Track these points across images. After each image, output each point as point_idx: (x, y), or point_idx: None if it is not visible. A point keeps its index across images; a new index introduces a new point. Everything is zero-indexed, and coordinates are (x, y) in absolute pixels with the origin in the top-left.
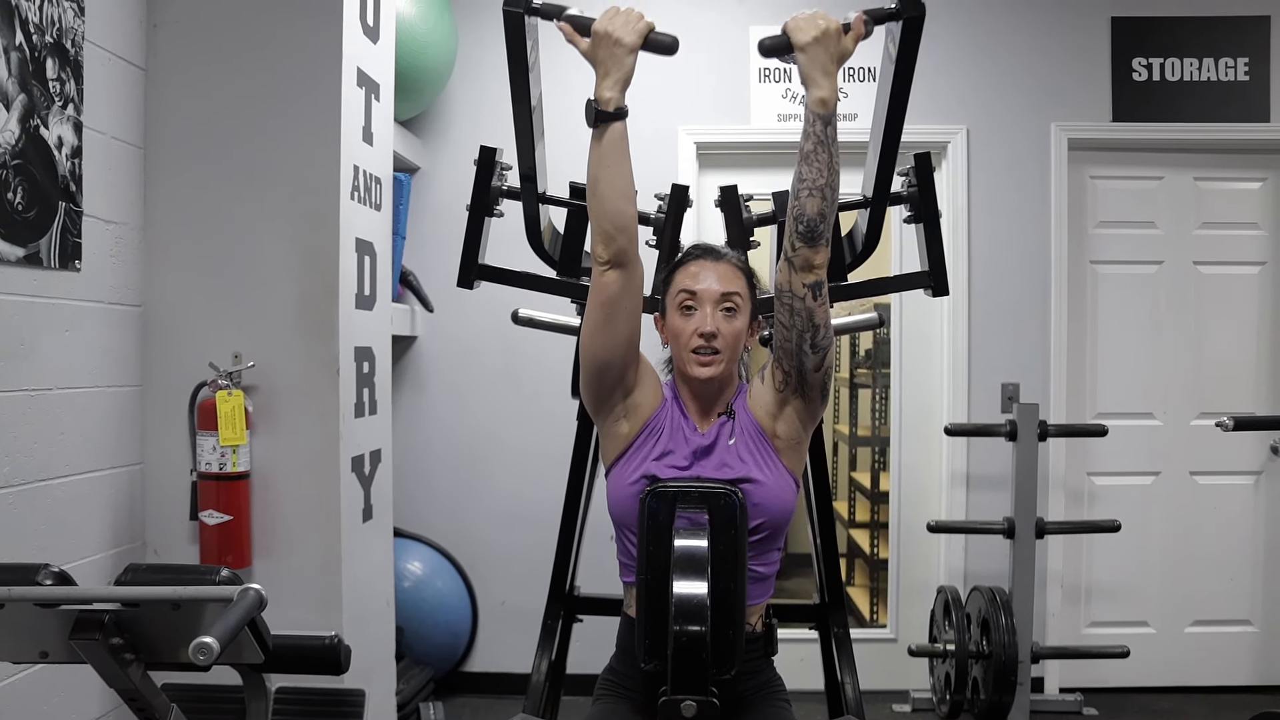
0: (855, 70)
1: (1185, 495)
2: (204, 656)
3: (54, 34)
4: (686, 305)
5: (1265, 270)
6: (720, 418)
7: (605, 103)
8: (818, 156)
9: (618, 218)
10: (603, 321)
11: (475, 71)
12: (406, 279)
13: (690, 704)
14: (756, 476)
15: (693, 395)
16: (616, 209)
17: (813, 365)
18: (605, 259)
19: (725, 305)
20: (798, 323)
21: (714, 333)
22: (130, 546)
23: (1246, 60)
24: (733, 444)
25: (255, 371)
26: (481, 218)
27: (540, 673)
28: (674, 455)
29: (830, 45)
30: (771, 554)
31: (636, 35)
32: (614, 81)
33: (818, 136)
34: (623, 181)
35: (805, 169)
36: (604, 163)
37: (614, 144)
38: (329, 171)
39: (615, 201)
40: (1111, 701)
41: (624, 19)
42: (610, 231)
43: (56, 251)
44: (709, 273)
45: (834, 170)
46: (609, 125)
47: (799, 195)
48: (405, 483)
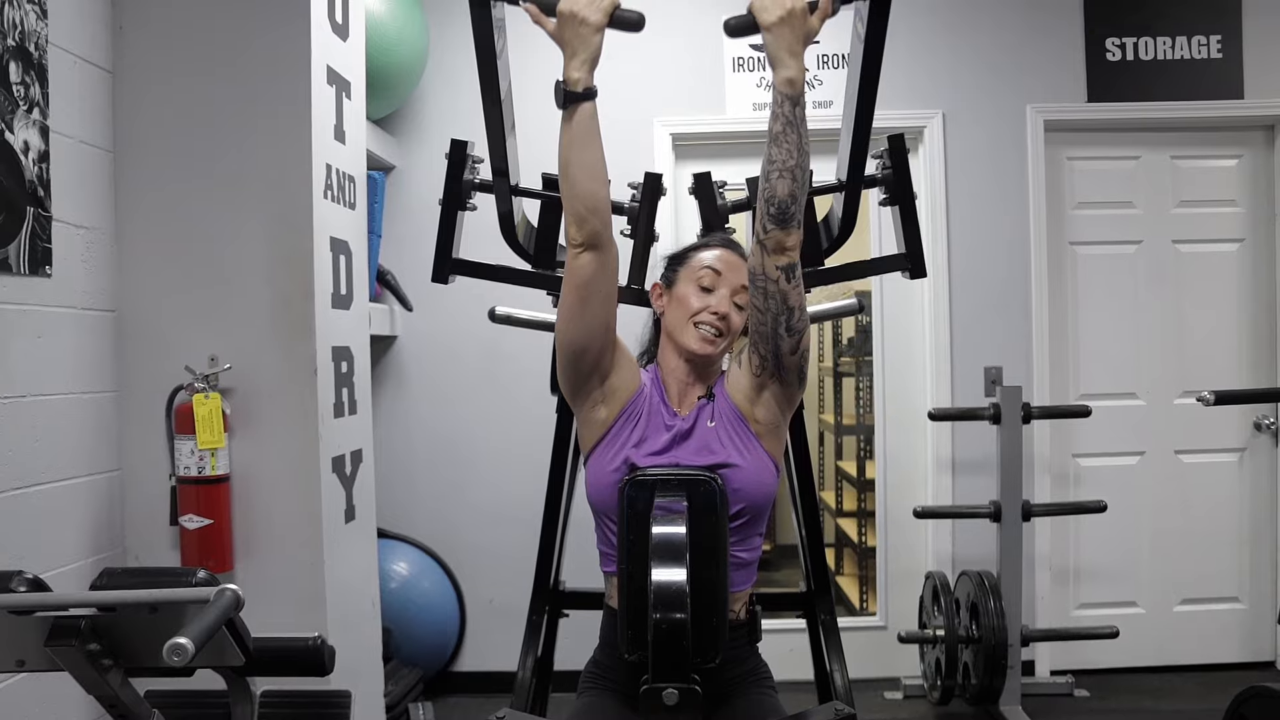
0: (829, 57)
1: (1170, 474)
2: (178, 658)
3: (16, 37)
4: (706, 284)
5: (1243, 247)
6: (700, 401)
7: (574, 83)
8: (787, 137)
9: (590, 199)
10: (578, 305)
11: (448, 69)
12: (384, 278)
13: (672, 692)
14: (736, 460)
15: (677, 376)
16: (588, 190)
17: (788, 349)
18: (579, 241)
19: (738, 299)
20: (771, 306)
21: (727, 314)
22: (110, 553)
23: (1219, 38)
24: (712, 426)
25: (232, 374)
26: (454, 212)
27: (526, 669)
28: (651, 441)
29: (796, 25)
30: (753, 539)
31: (602, 14)
32: (581, 61)
33: (786, 117)
34: (594, 162)
35: (775, 150)
36: (575, 144)
37: (584, 125)
38: (301, 170)
39: (587, 183)
40: (1103, 682)
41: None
42: (583, 213)
43: (26, 257)
44: (735, 265)
45: (804, 151)
46: (578, 106)
47: (769, 177)
48: (389, 484)
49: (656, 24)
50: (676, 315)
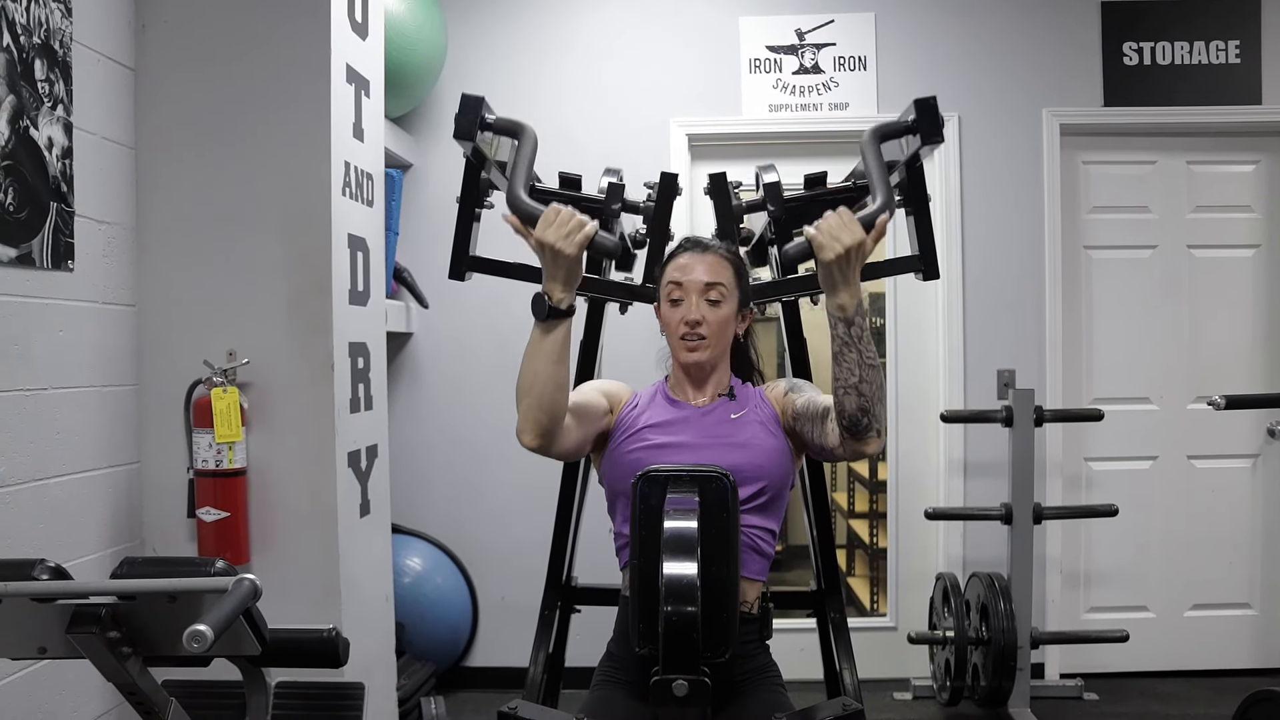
0: (846, 60)
1: (1183, 479)
2: (198, 644)
3: (42, 35)
4: (674, 297)
5: (1259, 253)
6: (721, 397)
7: (556, 300)
8: (846, 357)
9: (557, 411)
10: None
11: (466, 68)
12: (401, 275)
13: (682, 683)
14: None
15: (688, 379)
16: (555, 402)
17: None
18: (533, 446)
19: (710, 295)
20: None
21: (699, 320)
22: (128, 545)
23: (1237, 43)
24: (738, 416)
25: (250, 368)
26: (472, 210)
27: (538, 665)
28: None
29: (854, 257)
30: (771, 523)
31: (576, 247)
32: (561, 284)
33: (842, 338)
34: (564, 376)
35: (837, 369)
36: (550, 359)
37: (560, 340)
38: (320, 168)
39: (554, 396)
40: (1112, 686)
41: (559, 229)
42: (545, 424)
43: (49, 252)
44: (696, 264)
45: (865, 365)
46: (559, 321)
47: (836, 393)
48: (404, 479)
49: (672, 25)
50: (667, 334)
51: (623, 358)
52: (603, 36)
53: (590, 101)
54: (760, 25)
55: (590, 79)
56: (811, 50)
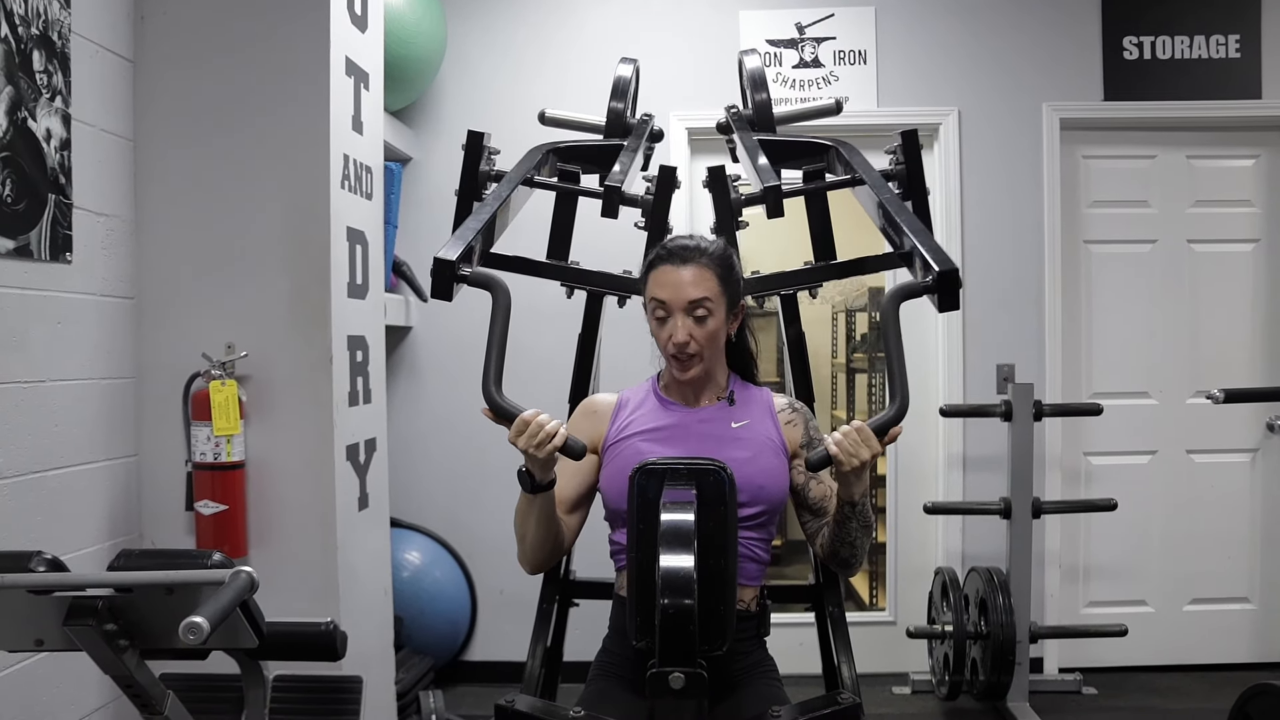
0: (845, 54)
1: (1182, 474)
2: (194, 636)
3: (40, 26)
4: (659, 315)
5: (1259, 247)
6: (720, 401)
7: (539, 480)
8: (847, 526)
9: (552, 554)
10: None
11: (465, 61)
12: (400, 269)
13: (678, 676)
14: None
15: (677, 386)
16: (550, 551)
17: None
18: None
19: (696, 313)
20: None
21: (686, 340)
22: (126, 538)
23: (1237, 37)
24: (739, 427)
25: (248, 361)
26: (470, 203)
27: (536, 659)
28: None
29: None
30: (767, 537)
31: (546, 454)
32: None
33: (846, 514)
34: (555, 529)
35: (837, 529)
36: (541, 522)
37: (547, 506)
38: (319, 160)
39: (548, 544)
40: (1111, 681)
41: (529, 439)
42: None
43: (47, 244)
44: (678, 280)
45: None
46: (542, 494)
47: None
48: (403, 473)
49: (673, 18)
50: (657, 344)
51: (621, 350)
52: (603, 29)
53: (590, 94)
54: (760, 19)
55: (590, 71)
56: (811, 44)
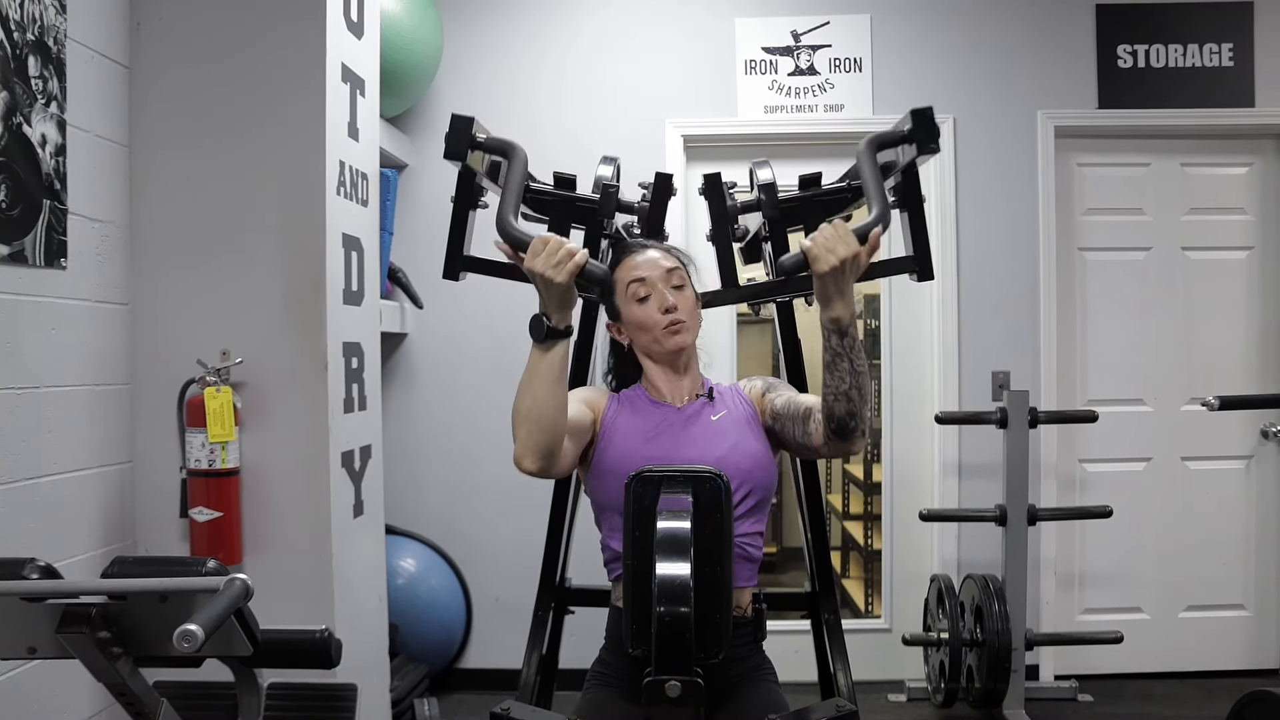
0: (841, 61)
1: (1177, 480)
2: (188, 644)
3: (35, 31)
4: (641, 295)
5: (1253, 255)
6: (699, 398)
7: (555, 321)
8: (838, 366)
9: (556, 433)
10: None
11: (461, 68)
12: (395, 276)
13: (675, 684)
14: (742, 447)
15: (664, 375)
16: (556, 424)
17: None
18: (534, 471)
19: (673, 282)
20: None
21: (675, 305)
22: (121, 545)
23: (1230, 46)
24: (717, 419)
25: (244, 368)
26: (466, 209)
27: (531, 666)
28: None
29: (847, 271)
30: (757, 528)
31: (567, 275)
32: (556, 308)
33: (835, 349)
34: (563, 396)
35: (828, 376)
36: (550, 380)
37: (559, 361)
38: (314, 167)
39: (555, 418)
40: (1107, 688)
41: (548, 258)
42: (546, 447)
43: (42, 249)
44: (647, 259)
45: (856, 372)
46: (557, 342)
47: (826, 399)
48: (398, 480)
49: (669, 26)
50: (642, 337)
51: None
52: (599, 37)
53: (586, 102)
54: (756, 26)
55: (586, 79)
56: (807, 52)
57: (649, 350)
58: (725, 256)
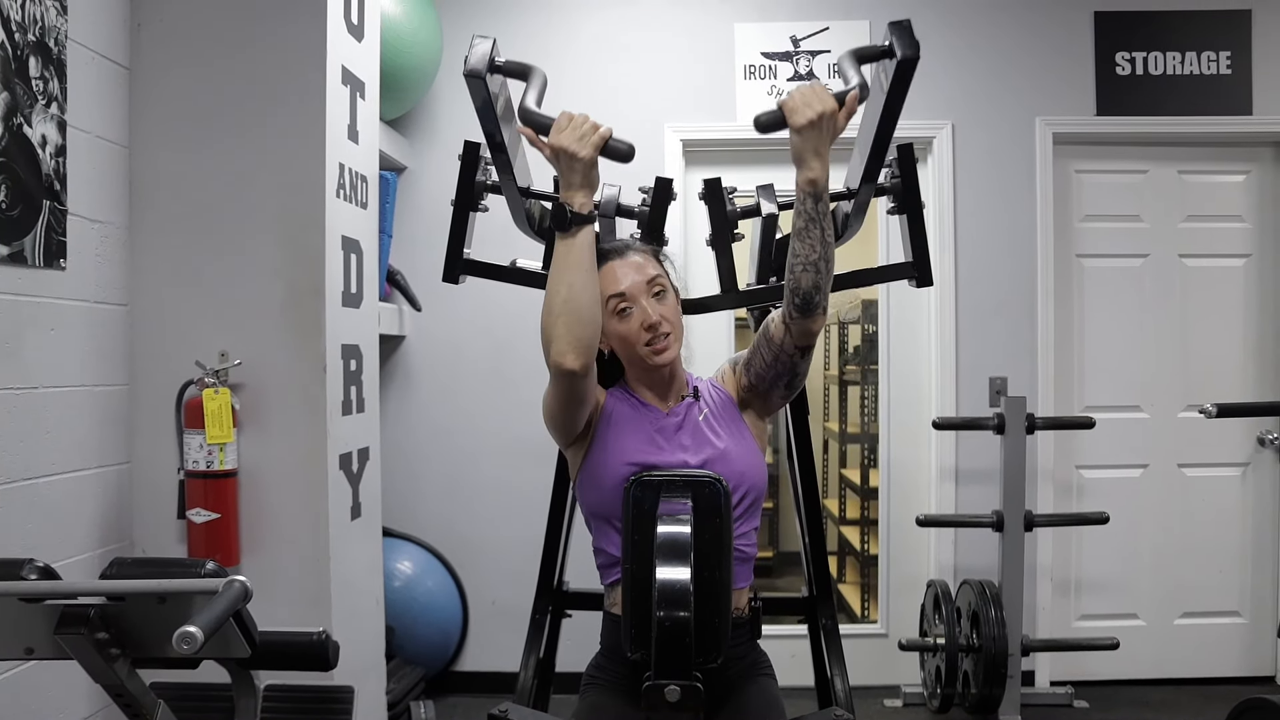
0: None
1: (1173, 487)
2: (188, 646)
3: (36, 32)
4: (621, 309)
5: (1250, 262)
6: (685, 399)
7: (579, 206)
8: (809, 233)
9: (594, 324)
10: (575, 415)
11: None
12: (394, 278)
13: (674, 688)
14: (735, 447)
15: (650, 386)
16: (593, 315)
17: (780, 396)
18: (577, 369)
19: (654, 291)
20: (779, 368)
21: (658, 321)
22: (118, 546)
23: (1229, 54)
24: (703, 418)
25: (242, 369)
26: (466, 213)
27: (529, 670)
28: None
29: (824, 128)
30: (751, 529)
31: (591, 149)
32: (578, 189)
33: (808, 214)
34: (595, 287)
35: (798, 244)
36: (579, 267)
37: (587, 247)
38: (314, 169)
39: (591, 308)
40: (1102, 694)
41: (574, 132)
42: (586, 340)
43: (41, 250)
44: (627, 269)
45: (826, 243)
46: (582, 228)
47: (793, 270)
48: (395, 483)
49: (668, 31)
50: (625, 350)
51: None
52: (598, 40)
53: (585, 106)
54: (755, 32)
55: (585, 84)
56: (806, 57)
57: (631, 363)
58: (725, 261)
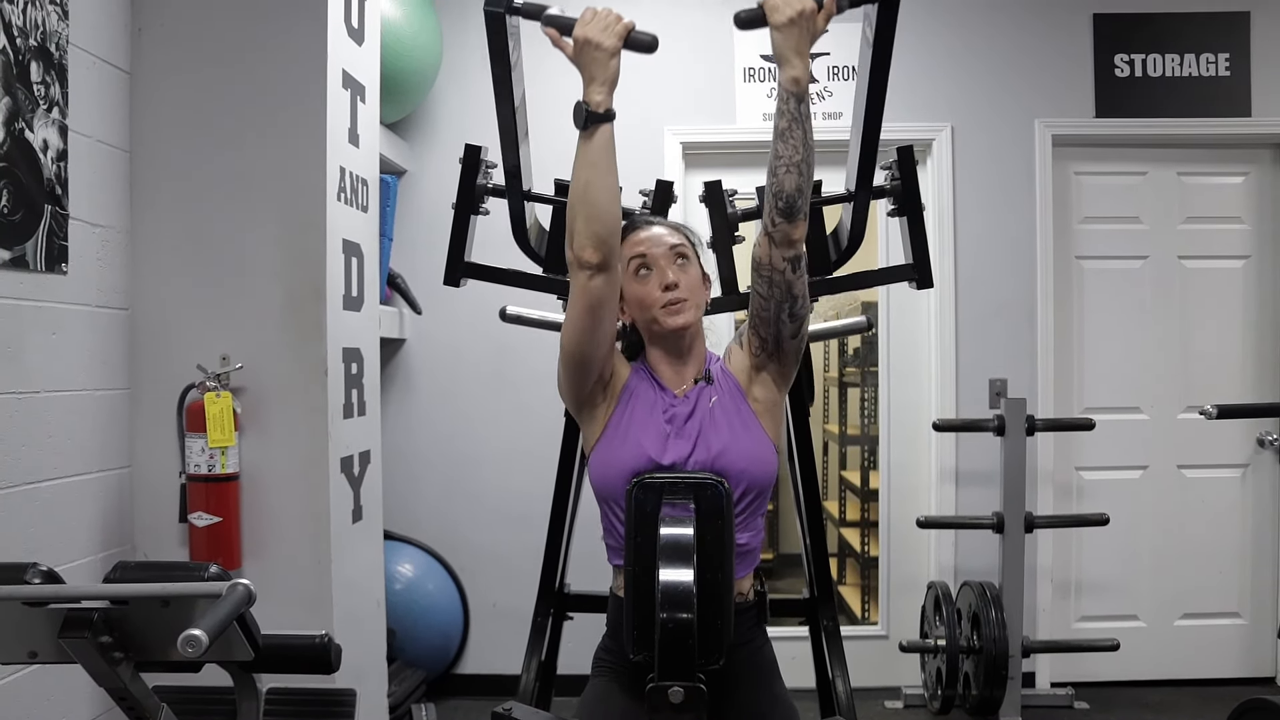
0: (839, 69)
1: (1173, 489)
2: (193, 649)
3: (38, 37)
4: (641, 269)
5: (1249, 264)
6: (698, 383)
7: (595, 105)
8: (792, 133)
9: (612, 221)
10: (590, 324)
11: (461, 74)
12: (394, 282)
13: (678, 690)
14: (737, 443)
15: (666, 359)
16: (610, 213)
17: (790, 333)
18: (595, 263)
19: (677, 257)
20: (776, 294)
21: (675, 282)
22: (120, 550)
23: (1227, 56)
24: (712, 406)
25: (243, 373)
26: (467, 216)
27: (530, 672)
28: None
29: (805, 26)
30: (757, 521)
31: (615, 38)
32: (600, 84)
33: (791, 114)
34: (614, 184)
35: (781, 146)
36: (597, 166)
37: (604, 146)
38: (315, 173)
39: (609, 205)
40: (1102, 695)
41: (600, 23)
42: (603, 235)
43: (43, 254)
44: (652, 234)
45: (809, 146)
46: (599, 127)
47: (776, 172)
48: (396, 485)
49: (668, 34)
50: (641, 315)
51: None
52: None
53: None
54: (755, 34)
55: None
56: None
57: (649, 330)
58: (725, 264)
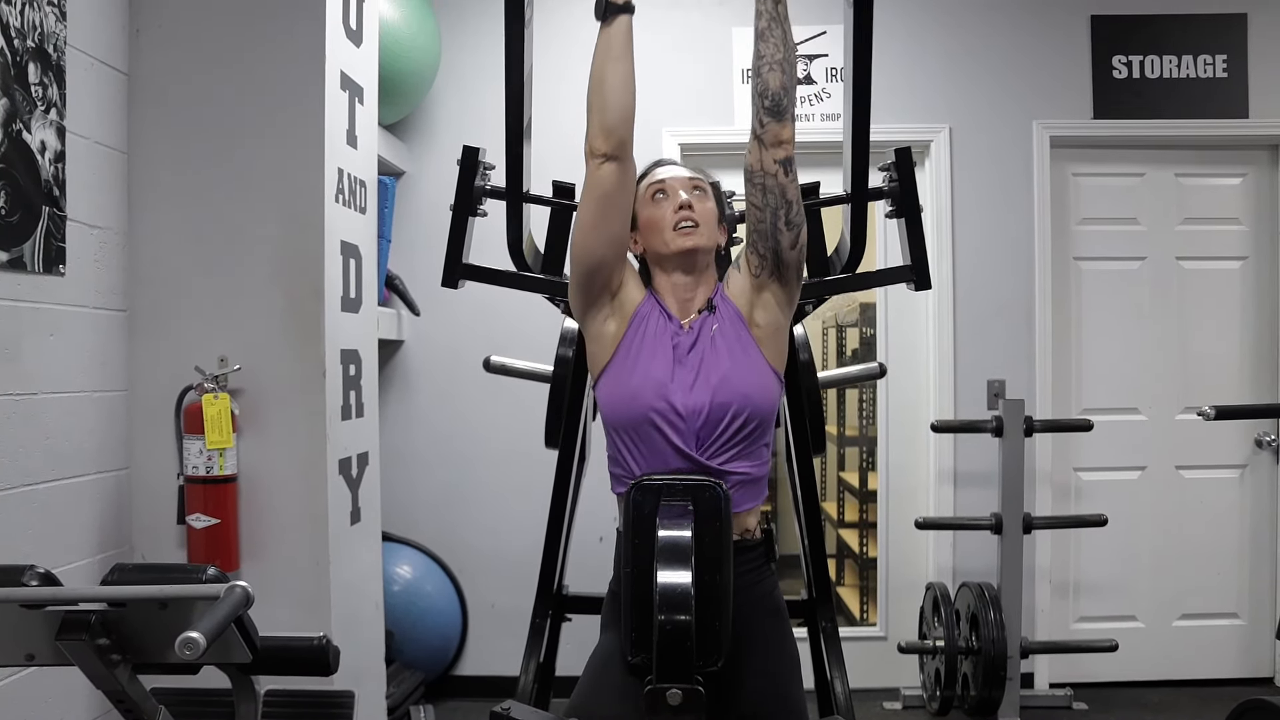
0: (837, 70)
1: (1171, 489)
2: (190, 651)
3: (36, 38)
4: (658, 194)
5: (1246, 265)
6: (702, 313)
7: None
8: (772, 32)
9: (623, 109)
10: (599, 217)
11: (459, 76)
12: (392, 283)
13: (676, 693)
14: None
15: (673, 286)
16: (622, 101)
17: (788, 243)
18: (605, 151)
19: (695, 188)
20: (770, 201)
21: (689, 203)
22: (117, 551)
23: (1225, 57)
24: (715, 331)
25: (241, 374)
26: (465, 217)
27: (529, 674)
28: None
29: None
30: (761, 451)
31: None
32: None
33: (770, 14)
34: (628, 74)
35: (762, 45)
36: (613, 56)
37: (622, 37)
38: (313, 174)
39: (621, 94)
40: (1101, 696)
41: None
42: (613, 124)
43: (40, 256)
44: (674, 170)
45: (789, 45)
46: (617, 17)
47: (760, 72)
48: (394, 487)
49: (667, 35)
50: (653, 239)
51: None
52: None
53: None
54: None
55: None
56: (804, 61)
57: (659, 256)
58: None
